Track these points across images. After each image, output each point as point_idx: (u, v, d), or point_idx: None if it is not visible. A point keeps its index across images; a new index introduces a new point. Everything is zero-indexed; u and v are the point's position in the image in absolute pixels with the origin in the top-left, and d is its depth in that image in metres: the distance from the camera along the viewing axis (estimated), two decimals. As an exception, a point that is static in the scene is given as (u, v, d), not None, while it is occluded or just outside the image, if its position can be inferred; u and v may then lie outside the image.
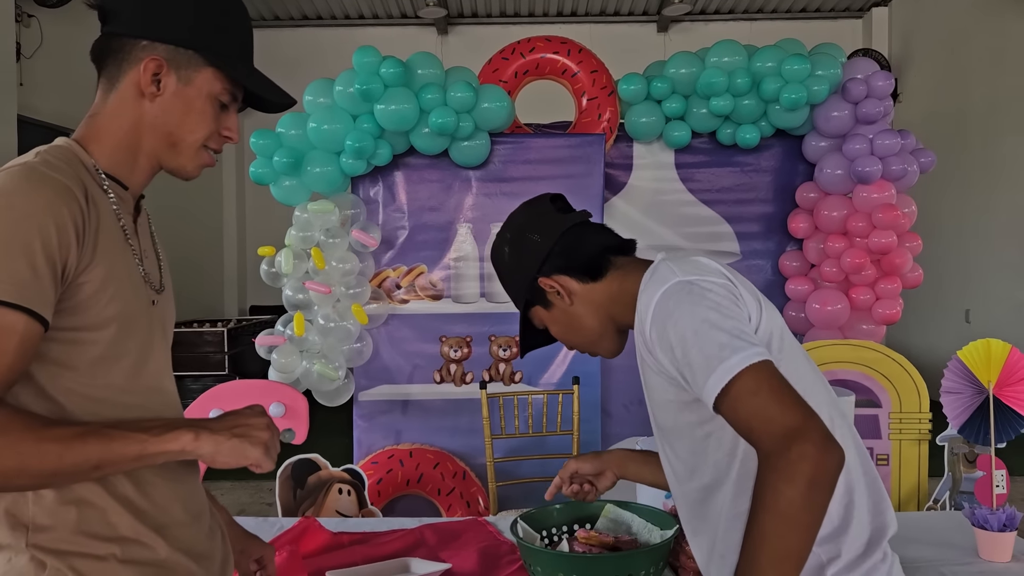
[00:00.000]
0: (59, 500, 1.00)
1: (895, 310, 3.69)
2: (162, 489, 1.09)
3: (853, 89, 3.55)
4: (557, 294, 1.34)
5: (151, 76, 1.09)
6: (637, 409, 3.90)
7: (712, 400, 1.09)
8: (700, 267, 1.21)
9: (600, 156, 3.63)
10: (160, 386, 1.13)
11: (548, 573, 1.62)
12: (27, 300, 0.93)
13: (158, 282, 1.16)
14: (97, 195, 1.06)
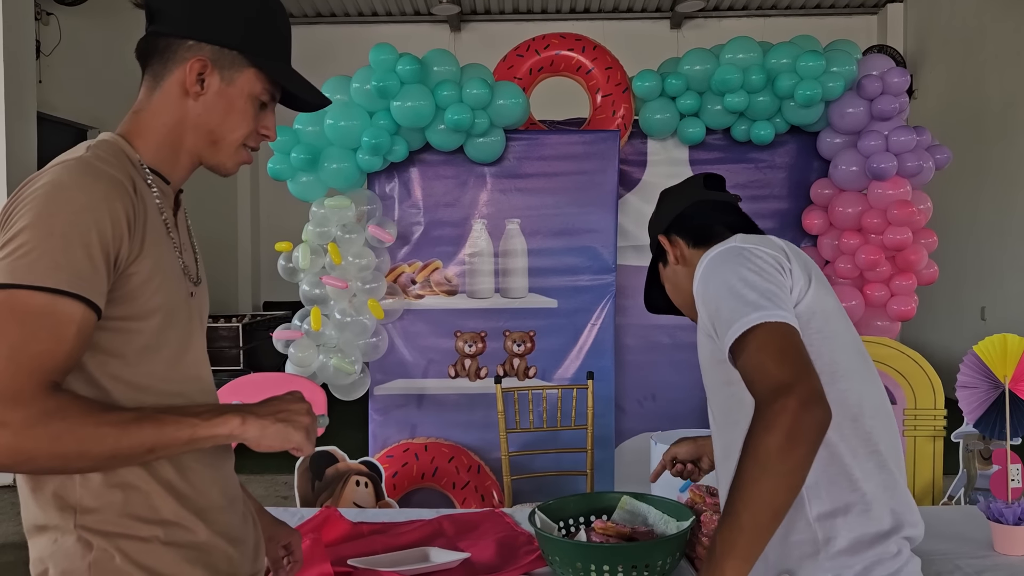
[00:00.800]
0: (105, 483, 1.04)
1: (910, 307, 3.69)
2: (201, 474, 1.12)
3: (868, 86, 3.55)
4: (671, 254, 1.49)
5: (196, 76, 1.12)
6: (651, 405, 3.92)
7: (727, 351, 1.17)
8: (761, 240, 1.30)
9: (614, 152, 3.65)
10: (198, 374, 1.16)
11: (566, 563, 1.64)
12: (84, 290, 0.97)
13: (195, 274, 1.19)
14: (143, 189, 1.09)
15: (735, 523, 1.10)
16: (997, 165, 6.86)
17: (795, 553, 1.24)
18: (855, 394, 1.22)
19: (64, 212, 0.97)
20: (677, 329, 3.94)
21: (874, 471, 1.24)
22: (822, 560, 1.21)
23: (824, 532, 1.21)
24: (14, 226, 0.97)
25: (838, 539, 1.21)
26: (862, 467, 1.23)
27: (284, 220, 8.53)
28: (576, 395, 3.28)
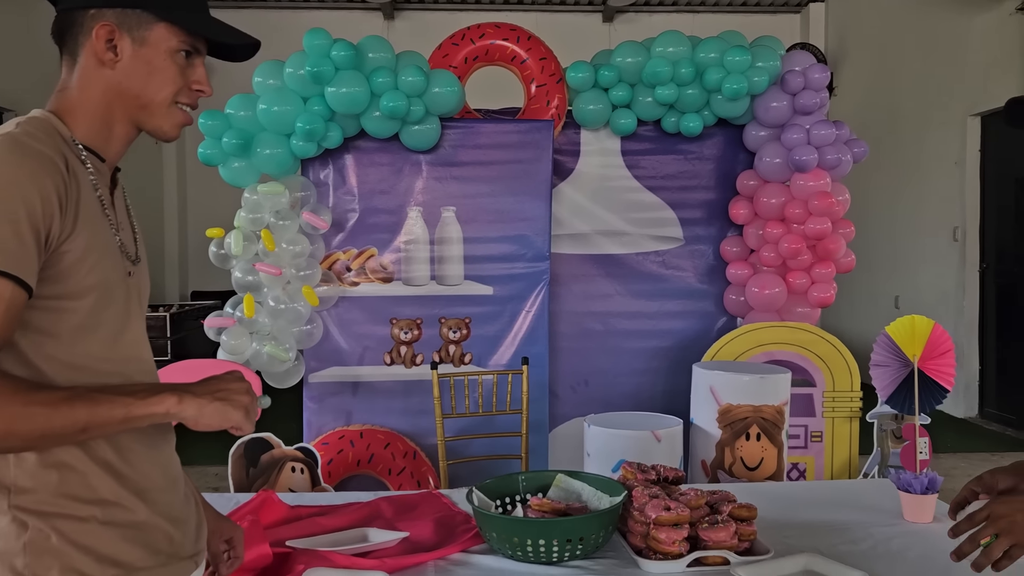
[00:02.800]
0: (40, 463, 1.03)
1: (829, 294, 3.86)
2: (141, 455, 1.12)
3: (791, 81, 3.68)
4: None
5: (105, 43, 1.11)
6: (584, 390, 4.00)
7: None
8: None
9: (548, 142, 3.70)
10: (138, 355, 1.16)
11: (503, 538, 1.69)
12: (12, 267, 0.96)
13: (134, 253, 1.18)
14: (76, 166, 1.08)
15: None
16: (911, 160, 7.18)
17: None
18: None
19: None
20: (609, 316, 4.03)
21: None
22: None
23: None
24: None
25: None
26: None
27: (212, 207, 8.33)
28: (511, 380, 3.33)
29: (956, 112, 6.45)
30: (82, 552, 1.04)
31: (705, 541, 1.70)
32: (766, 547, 1.73)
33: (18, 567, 1.01)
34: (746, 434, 2.79)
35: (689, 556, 1.67)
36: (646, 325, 4.03)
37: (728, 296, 4.01)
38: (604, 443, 2.70)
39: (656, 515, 1.68)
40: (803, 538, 1.83)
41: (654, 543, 1.68)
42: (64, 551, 1.03)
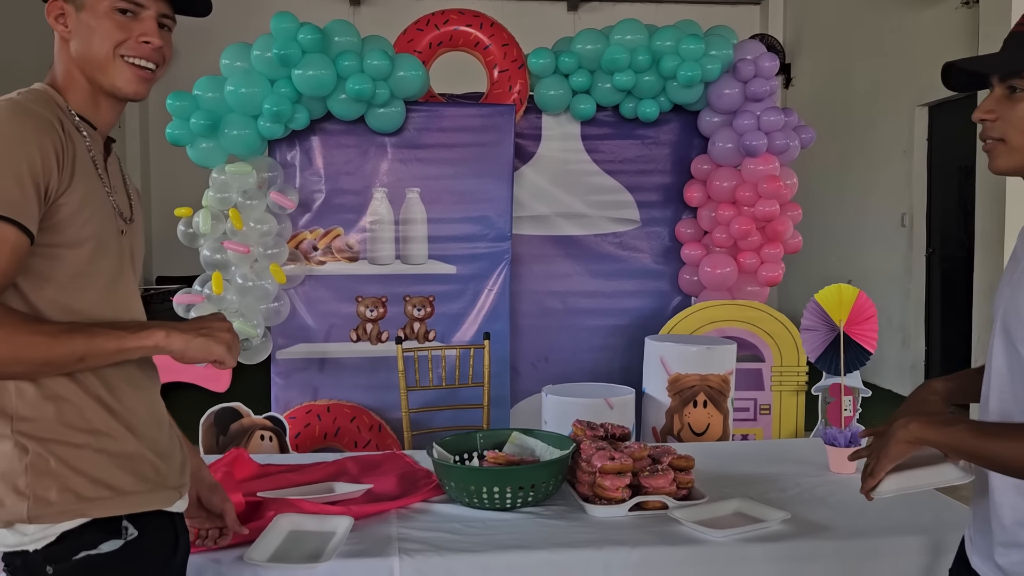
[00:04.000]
0: (40, 395, 1.14)
1: (777, 273, 4.04)
2: (129, 393, 1.23)
3: (743, 69, 3.85)
4: None
5: (55, 18, 1.23)
6: (544, 367, 4.15)
7: None
8: None
9: (511, 126, 3.82)
10: (128, 305, 1.27)
11: (460, 488, 1.82)
12: (16, 214, 1.07)
13: (128, 215, 1.30)
14: (71, 130, 1.20)
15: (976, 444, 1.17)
16: (862, 147, 7.43)
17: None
18: None
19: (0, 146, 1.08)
20: (569, 295, 4.18)
21: None
22: None
23: None
24: None
25: None
26: None
27: (175, 193, 8.34)
28: (473, 355, 3.46)
29: (905, 102, 6.69)
30: (78, 475, 1.15)
31: (646, 488, 1.85)
32: (702, 493, 1.89)
33: (20, 486, 1.13)
34: (693, 401, 2.96)
35: (631, 501, 1.82)
36: (604, 304, 4.18)
37: (682, 276, 4.18)
38: (560, 411, 2.83)
39: (601, 464, 1.83)
40: (737, 487, 1.99)
41: (599, 490, 1.83)
42: (62, 473, 1.14)
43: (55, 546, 1.14)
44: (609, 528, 1.75)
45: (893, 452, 1.27)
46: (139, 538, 1.20)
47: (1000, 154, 1.26)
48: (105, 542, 1.17)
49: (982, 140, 1.30)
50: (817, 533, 1.73)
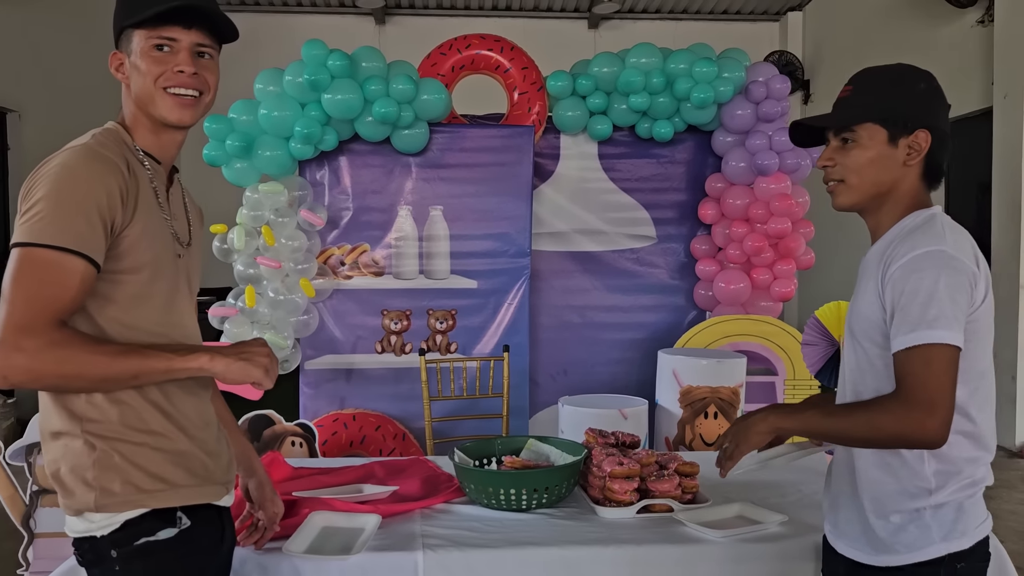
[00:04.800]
0: (105, 400, 1.31)
1: (790, 288, 4.15)
2: (183, 399, 1.38)
3: (755, 91, 3.97)
4: (909, 149, 1.45)
5: (116, 69, 1.41)
6: (563, 379, 4.28)
7: (899, 346, 1.33)
8: (963, 247, 1.38)
9: (530, 146, 3.97)
10: (183, 323, 1.43)
11: (480, 489, 1.96)
12: (85, 248, 1.24)
13: (186, 239, 1.46)
14: (136, 167, 1.36)
15: (823, 423, 1.44)
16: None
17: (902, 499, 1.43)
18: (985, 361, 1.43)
19: (71, 187, 1.25)
20: (587, 309, 4.31)
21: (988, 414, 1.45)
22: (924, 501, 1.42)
23: (937, 482, 1.41)
24: (33, 197, 1.25)
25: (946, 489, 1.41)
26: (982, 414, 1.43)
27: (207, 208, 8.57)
28: (493, 367, 3.60)
29: (922, 119, 6.77)
30: (137, 469, 1.31)
31: (653, 491, 1.97)
32: (705, 497, 2.01)
33: (88, 479, 1.29)
34: (704, 412, 3.07)
35: (639, 504, 1.95)
36: (621, 318, 4.31)
37: (697, 291, 4.30)
38: (576, 420, 2.97)
39: (611, 469, 1.95)
40: (740, 493, 2.10)
41: (609, 493, 1.95)
42: (124, 468, 1.30)
43: (119, 533, 1.30)
44: (618, 528, 1.87)
45: (753, 440, 1.54)
46: (191, 527, 1.35)
47: (841, 192, 1.51)
48: (162, 530, 1.32)
49: (825, 183, 1.54)
50: (812, 534, 1.84)
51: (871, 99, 1.49)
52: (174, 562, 1.33)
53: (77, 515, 1.31)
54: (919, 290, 1.33)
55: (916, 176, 1.48)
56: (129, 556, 1.30)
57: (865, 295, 1.45)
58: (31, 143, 6.61)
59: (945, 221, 1.43)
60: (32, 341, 1.18)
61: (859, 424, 1.38)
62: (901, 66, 1.53)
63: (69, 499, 1.31)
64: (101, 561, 1.31)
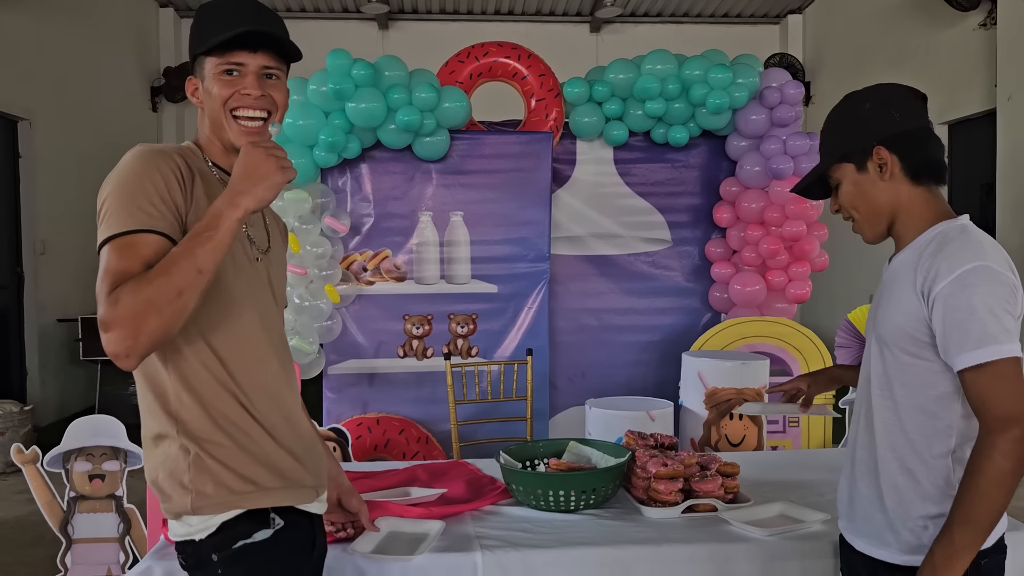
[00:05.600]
0: (193, 401, 1.35)
1: (805, 291, 4.21)
2: (266, 403, 1.42)
3: (769, 96, 4.04)
4: (879, 167, 1.50)
5: (191, 94, 1.48)
6: (580, 381, 4.33)
7: (966, 363, 1.35)
8: (1001, 259, 1.41)
9: (548, 152, 4.03)
10: (278, 328, 1.50)
11: (528, 491, 2.02)
12: (154, 225, 1.29)
13: (265, 245, 1.51)
14: (203, 169, 1.43)
15: (977, 527, 1.35)
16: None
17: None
18: None
19: (128, 178, 1.32)
20: (604, 312, 4.37)
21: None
22: None
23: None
24: (100, 200, 1.33)
25: None
26: None
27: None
28: (516, 370, 3.65)
29: (925, 121, 6.85)
30: (228, 471, 1.35)
31: (697, 492, 2.03)
32: (747, 497, 2.07)
33: (185, 482, 1.34)
34: (730, 414, 3.13)
35: (683, 504, 2.00)
36: (638, 321, 4.37)
37: (712, 293, 4.36)
38: (604, 423, 3.02)
39: (656, 470, 2.01)
40: (778, 492, 2.16)
41: (654, 493, 2.01)
42: (216, 470, 1.34)
43: (216, 536, 1.34)
44: (665, 528, 1.93)
45: None
46: (285, 528, 1.39)
47: (859, 229, 1.59)
48: (258, 531, 1.36)
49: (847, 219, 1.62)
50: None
51: (828, 142, 1.59)
52: (272, 563, 1.38)
53: (176, 519, 1.36)
54: (975, 306, 1.36)
55: (906, 184, 1.50)
56: (229, 559, 1.34)
57: (898, 304, 1.47)
58: (42, 150, 6.64)
59: (979, 234, 1.46)
60: (107, 312, 1.23)
61: (985, 494, 1.35)
62: (847, 97, 1.61)
63: (168, 503, 1.36)
64: (203, 565, 1.36)
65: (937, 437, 1.45)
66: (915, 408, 1.47)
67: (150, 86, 8.70)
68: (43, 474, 2.94)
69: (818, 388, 2.01)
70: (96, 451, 2.95)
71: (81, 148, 7.22)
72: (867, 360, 1.58)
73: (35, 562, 3.78)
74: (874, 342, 1.55)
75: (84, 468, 2.94)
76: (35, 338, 6.56)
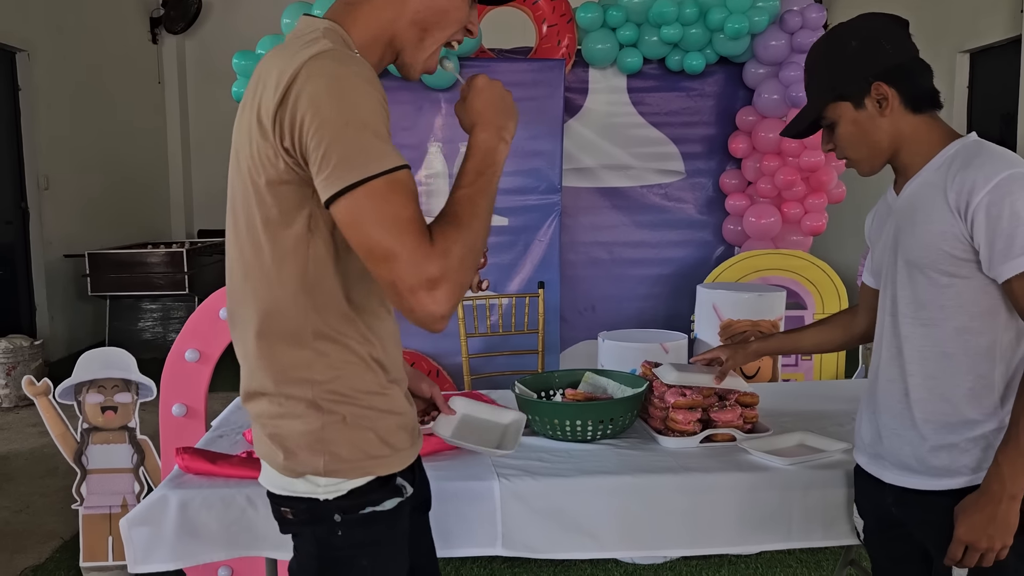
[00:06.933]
0: (335, 361, 1.20)
1: (821, 223, 4.14)
2: (393, 351, 1.29)
3: (790, 20, 3.89)
4: (878, 102, 1.46)
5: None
6: (590, 315, 4.30)
7: (1015, 272, 1.33)
8: None
9: (560, 80, 3.91)
10: None
11: (545, 421, 1.99)
12: (405, 159, 1.11)
13: None
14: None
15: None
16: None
17: None
18: None
19: (365, 102, 1.08)
20: (615, 246, 4.30)
21: None
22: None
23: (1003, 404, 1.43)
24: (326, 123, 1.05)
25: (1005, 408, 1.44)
26: None
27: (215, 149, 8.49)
28: (528, 303, 3.62)
29: (945, 50, 6.65)
30: (366, 433, 1.22)
31: (715, 422, 2.00)
32: (766, 427, 2.04)
33: (318, 443, 1.20)
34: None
35: (702, 433, 1.98)
36: (649, 254, 4.31)
37: (726, 226, 4.28)
38: (617, 355, 2.98)
39: (674, 400, 1.98)
40: (797, 422, 2.13)
41: (672, 423, 1.98)
42: (353, 432, 1.21)
43: (345, 500, 1.22)
44: (683, 457, 1.91)
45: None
46: (411, 495, 1.28)
47: (856, 167, 1.55)
48: (388, 500, 1.24)
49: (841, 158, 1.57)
50: (876, 461, 1.87)
51: (819, 81, 1.53)
52: (390, 530, 1.27)
53: (297, 476, 1.22)
54: (1019, 211, 1.33)
55: (907, 115, 1.47)
56: (353, 523, 1.23)
57: (929, 225, 1.43)
58: (41, 82, 6.51)
59: (996, 146, 1.43)
60: (428, 266, 1.04)
61: None
62: (831, 32, 1.55)
63: (291, 461, 1.22)
64: (320, 522, 1.23)
65: (981, 355, 1.42)
66: (956, 330, 1.44)
67: (149, 17, 8.49)
68: (55, 406, 2.94)
69: (736, 361, 1.98)
70: (108, 383, 2.94)
71: (80, 80, 7.08)
72: (890, 290, 1.53)
73: (51, 492, 3.83)
74: (902, 269, 1.50)
75: (96, 400, 2.94)
76: (42, 274, 6.54)
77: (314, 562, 1.26)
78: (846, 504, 1.80)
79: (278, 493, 1.27)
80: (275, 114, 1.09)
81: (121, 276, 6.48)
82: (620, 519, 1.77)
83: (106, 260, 6.49)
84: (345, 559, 1.25)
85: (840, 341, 1.91)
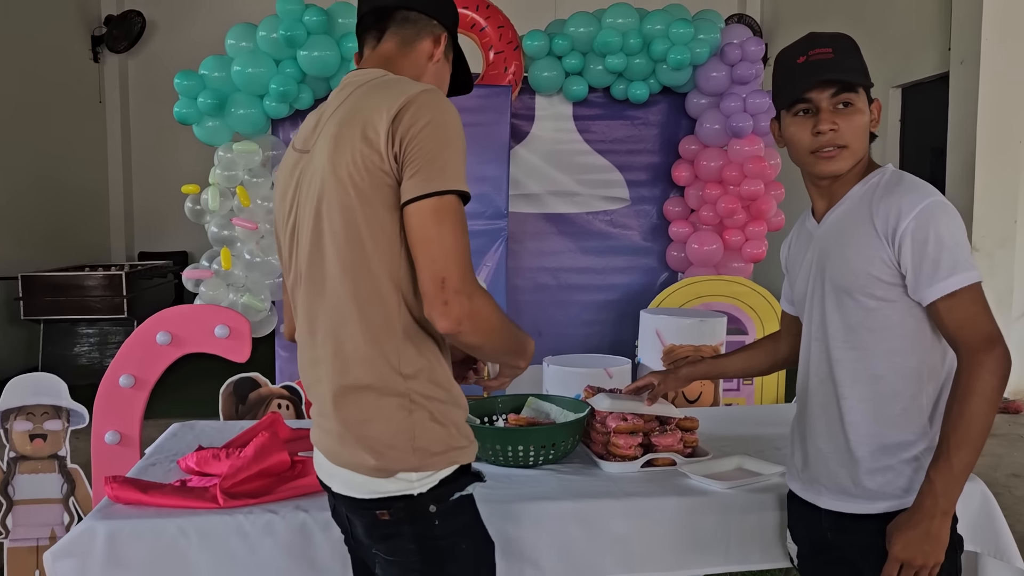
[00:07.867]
0: (415, 356, 1.30)
1: (761, 250, 4.23)
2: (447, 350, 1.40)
3: (730, 53, 4.00)
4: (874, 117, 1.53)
5: (441, 49, 1.48)
6: (538, 340, 4.20)
7: (940, 293, 1.37)
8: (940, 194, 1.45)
9: (507, 107, 3.95)
10: None
11: (487, 446, 1.98)
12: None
13: None
14: None
15: (972, 447, 1.36)
16: (838, 129, 7.64)
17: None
18: None
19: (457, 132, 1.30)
20: (561, 271, 4.34)
21: None
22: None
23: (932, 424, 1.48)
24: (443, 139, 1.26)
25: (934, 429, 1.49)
26: None
27: (157, 170, 8.33)
28: (473, 328, 3.61)
29: (879, 84, 6.88)
30: (448, 426, 1.32)
31: (656, 446, 2.01)
32: (706, 451, 2.06)
33: (409, 440, 1.29)
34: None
35: (643, 458, 1.99)
36: (595, 280, 4.35)
37: (670, 252, 4.35)
38: (562, 380, 3.00)
39: (615, 425, 1.99)
40: (736, 446, 2.16)
41: (614, 448, 1.99)
42: (438, 425, 1.31)
43: (436, 490, 1.31)
44: (624, 482, 1.91)
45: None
46: None
47: (844, 158, 1.49)
48: (470, 484, 1.36)
49: (819, 149, 1.50)
50: (811, 484, 1.91)
51: (855, 64, 1.51)
52: (476, 514, 1.39)
53: (389, 476, 1.30)
54: (943, 236, 1.38)
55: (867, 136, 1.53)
56: (447, 512, 1.32)
57: (856, 250, 1.46)
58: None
59: (912, 176, 1.49)
60: (476, 287, 1.24)
61: (979, 412, 1.37)
62: (847, 36, 1.57)
63: (382, 460, 1.29)
64: (418, 517, 1.31)
65: (911, 377, 1.46)
66: (886, 352, 1.47)
67: (91, 35, 8.32)
68: (-20, 434, 2.82)
69: (667, 386, 2.02)
70: (37, 410, 2.83)
71: (16, 98, 6.90)
72: (817, 316, 1.55)
73: (-25, 525, 3.66)
74: (830, 294, 1.52)
75: (24, 428, 2.83)
76: (-29, 297, 6.31)
77: (415, 557, 1.32)
78: (782, 527, 1.83)
79: (369, 498, 1.32)
80: (390, 125, 1.25)
81: (57, 299, 6.28)
82: (561, 546, 1.77)
83: (41, 282, 6.29)
84: (447, 547, 1.33)
85: (765, 366, 1.96)
